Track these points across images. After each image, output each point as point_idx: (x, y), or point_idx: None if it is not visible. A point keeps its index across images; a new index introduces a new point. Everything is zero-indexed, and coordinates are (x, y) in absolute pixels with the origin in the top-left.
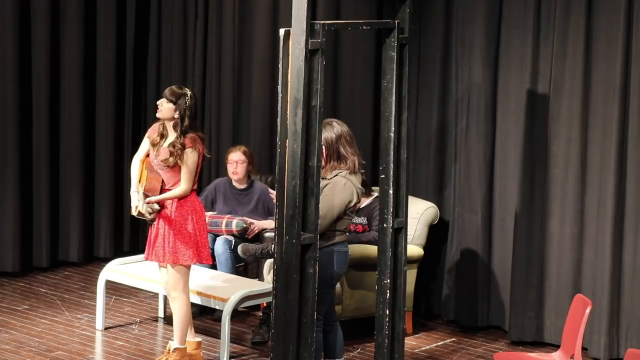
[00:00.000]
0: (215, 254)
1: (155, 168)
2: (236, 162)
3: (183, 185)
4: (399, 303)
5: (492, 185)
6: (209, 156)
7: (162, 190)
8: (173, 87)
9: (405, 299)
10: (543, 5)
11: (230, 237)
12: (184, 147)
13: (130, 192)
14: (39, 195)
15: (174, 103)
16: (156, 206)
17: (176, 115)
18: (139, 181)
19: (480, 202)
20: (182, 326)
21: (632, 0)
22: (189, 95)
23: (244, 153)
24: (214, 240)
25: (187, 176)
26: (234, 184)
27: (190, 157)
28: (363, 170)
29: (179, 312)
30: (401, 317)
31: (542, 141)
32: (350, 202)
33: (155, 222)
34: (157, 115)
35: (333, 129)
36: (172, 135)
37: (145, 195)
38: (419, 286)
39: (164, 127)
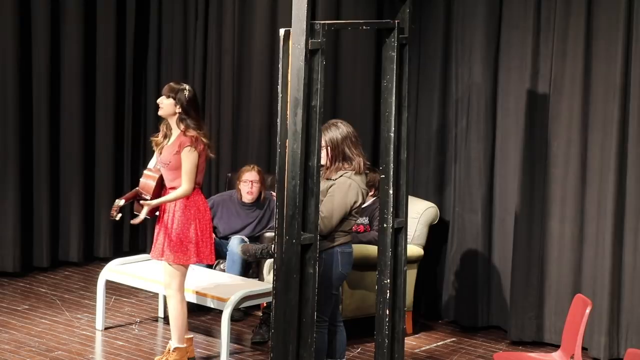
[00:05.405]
0: (229, 252)
1: (158, 167)
2: (252, 182)
3: (184, 186)
4: (399, 303)
5: (492, 185)
6: (212, 156)
7: (163, 188)
8: (171, 83)
9: (405, 299)
10: (543, 5)
11: (245, 237)
12: (181, 146)
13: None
14: (39, 195)
15: (174, 98)
16: (119, 202)
17: (178, 110)
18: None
19: (480, 202)
20: (177, 324)
21: (632, 0)
22: (187, 89)
23: (259, 173)
24: (224, 240)
25: (186, 176)
26: (244, 199)
27: (189, 157)
28: (367, 172)
29: (173, 311)
30: (401, 317)
31: (542, 141)
32: (355, 202)
33: (156, 219)
34: (159, 113)
35: (339, 130)
36: (175, 132)
37: (139, 193)
38: (419, 286)
39: (168, 127)
